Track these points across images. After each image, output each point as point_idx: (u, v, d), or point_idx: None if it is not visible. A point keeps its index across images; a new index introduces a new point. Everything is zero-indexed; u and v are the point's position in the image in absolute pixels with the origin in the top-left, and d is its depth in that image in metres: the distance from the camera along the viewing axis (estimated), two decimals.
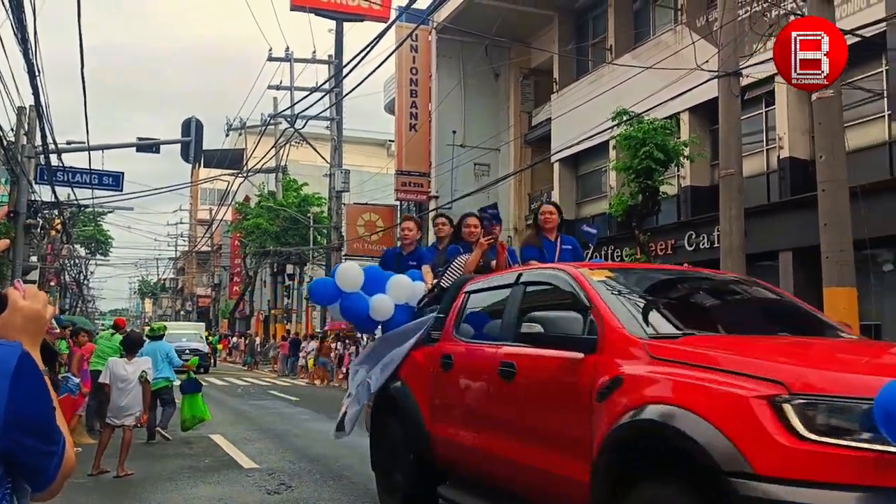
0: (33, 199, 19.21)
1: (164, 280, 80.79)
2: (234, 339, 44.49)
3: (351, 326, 24.26)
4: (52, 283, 36.13)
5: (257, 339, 39.67)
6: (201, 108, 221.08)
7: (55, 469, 1.38)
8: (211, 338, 38.48)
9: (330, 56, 29.84)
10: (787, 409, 2.68)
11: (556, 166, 21.43)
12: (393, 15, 23.55)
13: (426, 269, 6.19)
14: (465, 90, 25.39)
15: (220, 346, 41.31)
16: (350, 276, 5.93)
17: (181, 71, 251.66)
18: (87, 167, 19.59)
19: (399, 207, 29.39)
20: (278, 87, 30.42)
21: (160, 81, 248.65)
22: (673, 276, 5.08)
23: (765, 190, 14.94)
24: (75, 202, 26.39)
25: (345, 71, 21.42)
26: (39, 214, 21.62)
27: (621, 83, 16.59)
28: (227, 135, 35.68)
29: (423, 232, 12.07)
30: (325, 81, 28.10)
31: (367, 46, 14.08)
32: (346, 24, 29.38)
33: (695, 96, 13.61)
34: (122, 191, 19.47)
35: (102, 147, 20.06)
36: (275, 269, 39.16)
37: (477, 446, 4.54)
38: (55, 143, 18.12)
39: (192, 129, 16.29)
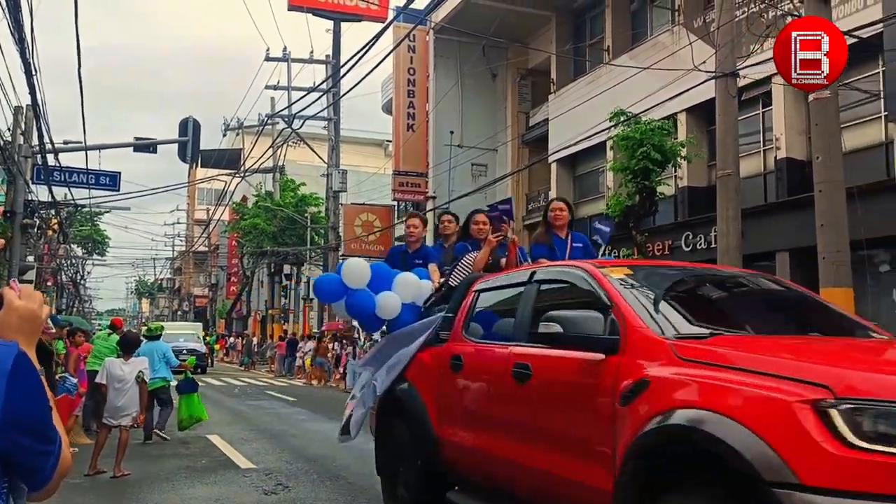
0: (30, 198, 19.16)
1: (161, 280, 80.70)
2: (232, 339, 44.43)
3: (348, 327, 24.46)
4: (49, 283, 36.06)
5: (254, 339, 39.60)
6: (201, 108, 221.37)
7: (52, 469, 1.38)
8: (208, 338, 38.44)
9: (327, 56, 29.84)
10: (833, 414, 2.52)
11: (554, 167, 21.44)
12: (391, 15, 23.58)
13: (433, 267, 6.04)
14: (463, 90, 25.40)
15: (217, 347, 41.28)
16: (357, 272, 5.69)
17: (181, 71, 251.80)
18: (84, 167, 19.54)
19: (396, 207, 29.39)
20: (276, 87, 30.47)
21: (160, 81, 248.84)
22: (693, 274, 4.82)
23: (762, 190, 14.95)
24: (72, 202, 26.38)
25: (342, 71, 21.43)
26: (36, 214, 21.56)
27: (619, 84, 16.61)
28: (225, 135, 35.73)
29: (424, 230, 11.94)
30: (323, 81, 28.06)
31: (364, 46, 14.12)
32: (344, 24, 29.39)
33: (692, 97, 13.63)
34: (119, 191, 19.45)
35: (99, 147, 20.03)
36: (272, 270, 39.14)
37: (488, 451, 4.38)
38: (52, 142, 18.08)
39: (189, 128, 16.27)
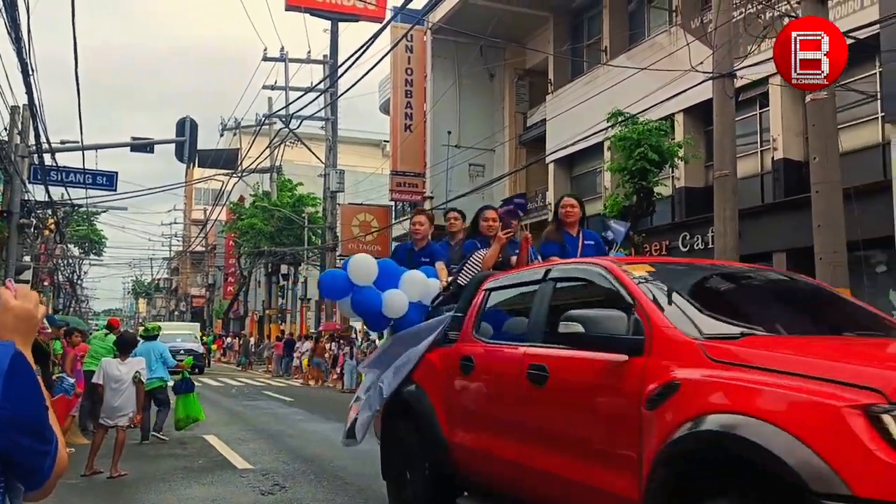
0: (27, 198, 19.17)
1: (159, 280, 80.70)
2: (229, 339, 44.40)
3: (345, 327, 24.45)
4: (46, 283, 36.00)
5: (252, 339, 39.58)
6: (200, 108, 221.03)
7: (49, 469, 1.38)
8: (205, 338, 38.37)
9: (325, 56, 29.81)
10: (886, 420, 2.36)
11: (551, 167, 21.45)
12: (388, 15, 23.58)
13: (440, 265, 5.88)
14: (460, 91, 25.40)
15: (214, 347, 41.20)
16: (364, 268, 5.51)
17: (180, 71, 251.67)
18: (81, 167, 19.54)
19: (394, 208, 29.39)
20: (273, 87, 30.46)
21: (159, 82, 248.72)
22: (716, 271, 4.60)
23: (759, 191, 14.98)
24: (69, 202, 26.39)
25: (340, 71, 21.46)
26: (33, 214, 21.57)
27: (616, 84, 16.62)
28: (222, 135, 35.70)
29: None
30: (320, 81, 28.02)
31: (362, 47, 14.07)
32: (342, 25, 29.36)
33: (689, 98, 13.64)
34: (115, 190, 19.48)
35: (96, 147, 19.98)
36: (269, 270, 39.13)
37: (500, 455, 4.20)
38: (49, 142, 18.05)
39: (186, 128, 16.26)
